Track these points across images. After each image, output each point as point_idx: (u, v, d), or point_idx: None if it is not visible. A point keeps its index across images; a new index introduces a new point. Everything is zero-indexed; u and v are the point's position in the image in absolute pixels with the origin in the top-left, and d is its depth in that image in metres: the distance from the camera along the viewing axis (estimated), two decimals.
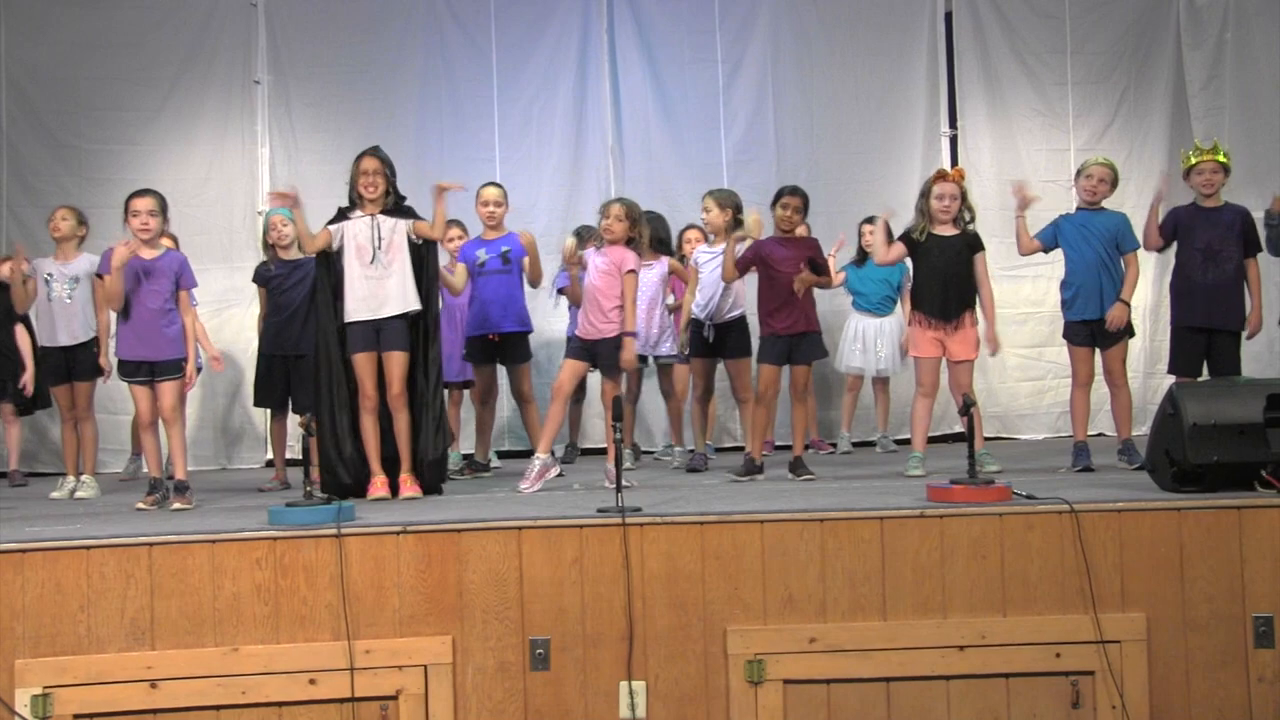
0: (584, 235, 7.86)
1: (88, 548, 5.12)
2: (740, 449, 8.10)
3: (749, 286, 7.46)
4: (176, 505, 6.44)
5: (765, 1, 10.12)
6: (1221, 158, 7.09)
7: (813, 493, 6.22)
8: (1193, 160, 7.15)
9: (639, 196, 9.41)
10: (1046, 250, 7.31)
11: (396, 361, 6.60)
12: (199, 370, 7.15)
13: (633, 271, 6.92)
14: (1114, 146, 9.86)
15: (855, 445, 9.29)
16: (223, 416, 9.73)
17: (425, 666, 5.11)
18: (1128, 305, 7.04)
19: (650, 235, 8.11)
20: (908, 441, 7.49)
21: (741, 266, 7.23)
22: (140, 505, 6.51)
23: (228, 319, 9.56)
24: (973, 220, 7.12)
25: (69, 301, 7.71)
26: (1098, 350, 7.12)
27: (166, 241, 7.19)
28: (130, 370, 6.67)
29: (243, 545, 5.16)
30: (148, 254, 6.65)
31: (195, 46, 9.86)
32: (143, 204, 6.65)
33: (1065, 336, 7.24)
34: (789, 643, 5.13)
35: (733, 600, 5.17)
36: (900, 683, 5.14)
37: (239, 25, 9.90)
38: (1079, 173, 7.34)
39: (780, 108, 10.07)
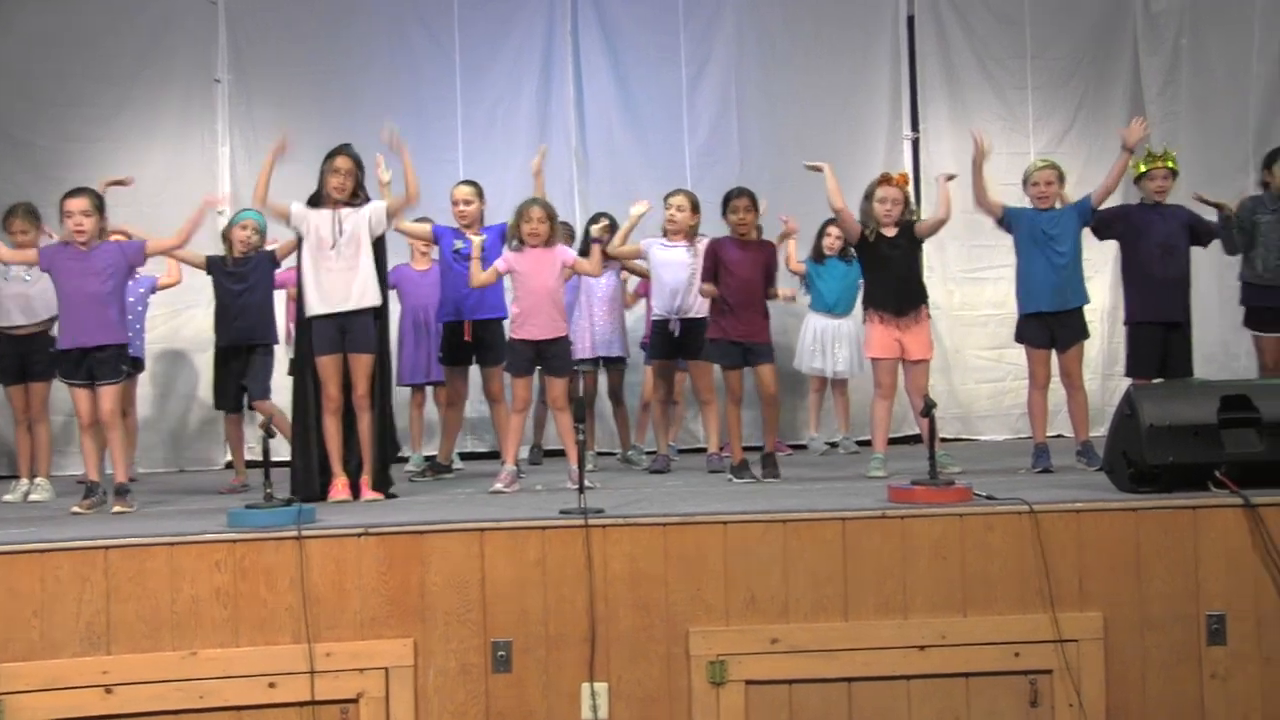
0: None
1: (42, 551, 5.06)
2: (702, 450, 8.12)
3: None
4: (117, 509, 6.39)
5: (730, 4, 10.14)
6: (1171, 164, 7.20)
7: (775, 494, 6.23)
8: (1144, 168, 7.23)
9: (602, 197, 9.49)
10: (999, 221, 7.32)
11: (363, 363, 6.58)
12: (130, 373, 7.09)
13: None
14: (1073, 150, 9.94)
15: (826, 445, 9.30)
16: (179, 417, 9.65)
17: (386, 669, 5.09)
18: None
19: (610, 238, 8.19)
20: (869, 443, 7.52)
21: (710, 274, 7.21)
22: (76, 509, 6.43)
23: (187, 319, 9.49)
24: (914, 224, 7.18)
25: (28, 280, 7.50)
26: (1055, 352, 7.17)
27: (118, 238, 7.13)
28: (69, 371, 6.58)
29: (202, 548, 5.12)
30: (84, 248, 6.57)
31: (155, 44, 9.78)
32: (76, 204, 6.56)
33: (1022, 339, 7.27)
34: (751, 644, 5.14)
35: (695, 601, 5.18)
36: (862, 683, 5.17)
37: (199, 23, 9.82)
38: (1025, 180, 7.36)
39: (744, 109, 10.09)
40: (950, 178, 7.33)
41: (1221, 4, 9.35)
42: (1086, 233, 7.27)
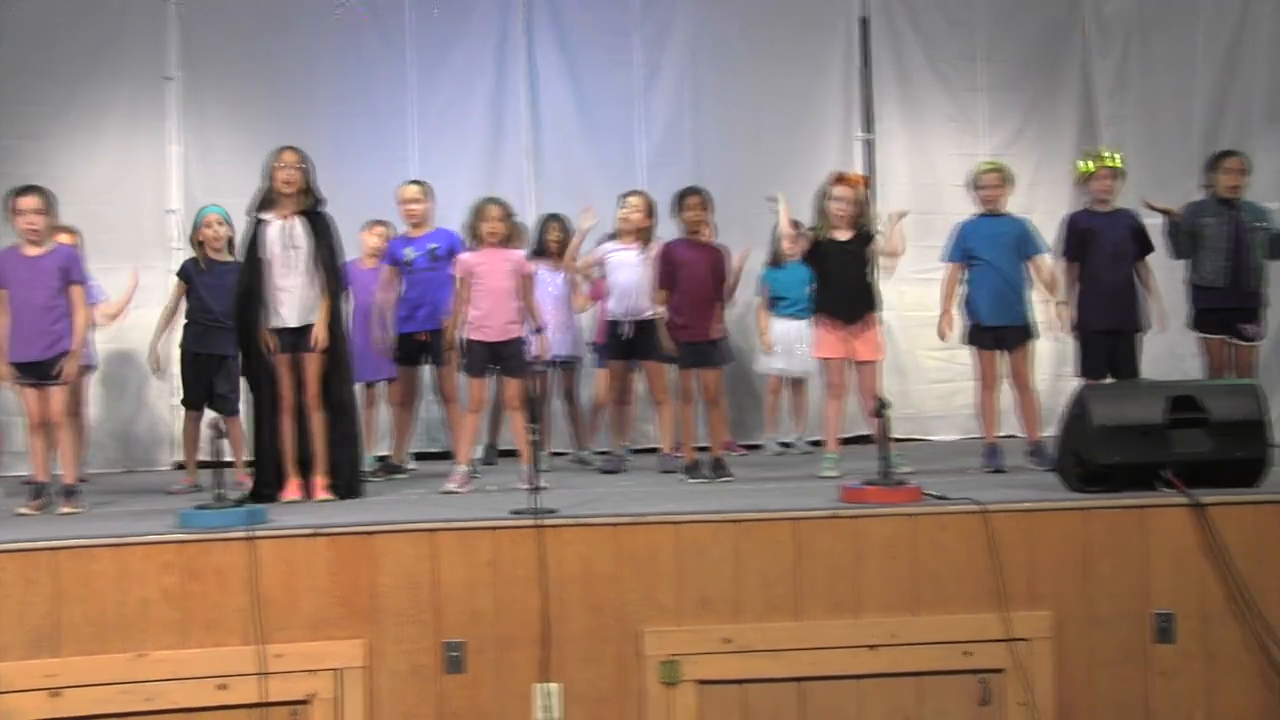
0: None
1: None
2: (655, 450, 8.12)
3: None
4: (65, 510, 6.32)
5: (684, 5, 10.13)
6: (1117, 163, 7.26)
7: (727, 494, 6.25)
8: (1091, 168, 7.28)
9: (555, 199, 9.45)
10: (968, 267, 7.33)
11: (313, 362, 6.54)
12: (92, 368, 7.00)
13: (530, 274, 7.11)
14: (1025, 152, 10.01)
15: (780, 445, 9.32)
16: (129, 418, 9.55)
17: (338, 670, 5.07)
18: (1066, 304, 7.19)
19: (560, 239, 8.19)
20: (821, 443, 7.55)
21: (666, 279, 7.21)
22: (22, 510, 6.35)
23: (136, 319, 9.37)
24: (868, 228, 7.19)
25: None
26: (1003, 353, 7.22)
27: (67, 237, 7.05)
28: (20, 371, 6.51)
29: (151, 549, 5.08)
30: (33, 251, 6.48)
31: (105, 41, 9.66)
32: (28, 203, 6.47)
33: (971, 341, 7.31)
34: (703, 644, 5.16)
35: (648, 601, 5.18)
36: (813, 682, 5.19)
37: (150, 21, 9.69)
38: (971, 183, 7.40)
39: (698, 110, 10.09)
40: (902, 215, 7.25)
41: (1168, 8, 9.46)
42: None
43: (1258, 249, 7.30)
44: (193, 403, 7.77)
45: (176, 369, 7.99)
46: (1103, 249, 7.21)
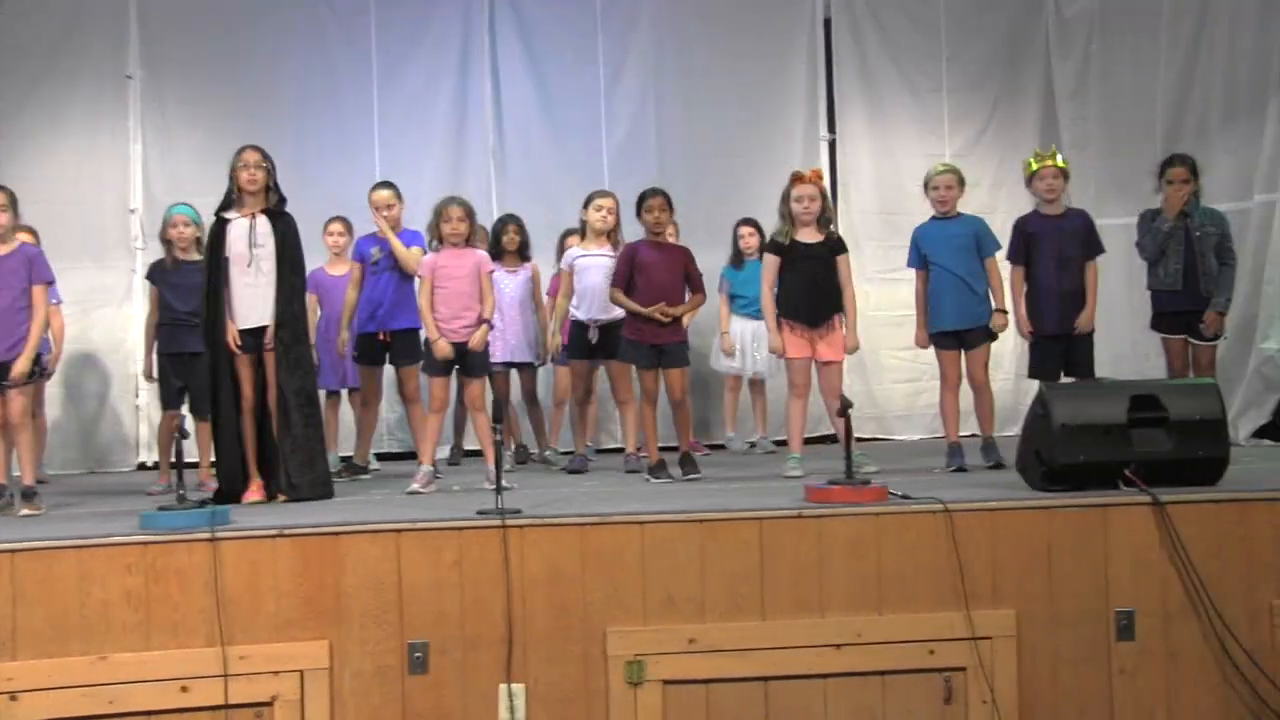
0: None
1: None
2: (619, 450, 8.12)
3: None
4: (25, 512, 6.27)
5: (647, 4, 10.15)
6: (1060, 163, 7.29)
7: (692, 494, 6.25)
8: (1034, 166, 7.30)
9: (519, 199, 9.46)
10: (928, 271, 7.33)
11: (275, 362, 6.50)
12: (42, 373, 6.93)
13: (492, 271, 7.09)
14: (987, 153, 10.09)
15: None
16: (92, 419, 9.48)
17: (301, 672, 5.04)
18: (1005, 313, 7.18)
19: (518, 241, 8.17)
20: (786, 443, 7.56)
21: (623, 279, 7.21)
22: None
23: (97, 319, 9.34)
24: (832, 222, 7.21)
25: None
26: (963, 353, 7.25)
27: (26, 236, 6.99)
28: None
29: (113, 550, 5.03)
30: None
31: (64, 39, 9.59)
32: None
33: (934, 342, 7.34)
34: (668, 643, 5.15)
35: (613, 601, 5.18)
36: (778, 682, 5.19)
37: (111, 18, 9.65)
38: (926, 185, 7.41)
39: (661, 110, 10.10)
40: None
41: (1130, 11, 9.52)
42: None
43: (1209, 253, 7.37)
44: (167, 403, 7.72)
45: (141, 369, 7.95)
46: (1047, 252, 7.18)
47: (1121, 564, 5.29)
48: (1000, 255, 7.28)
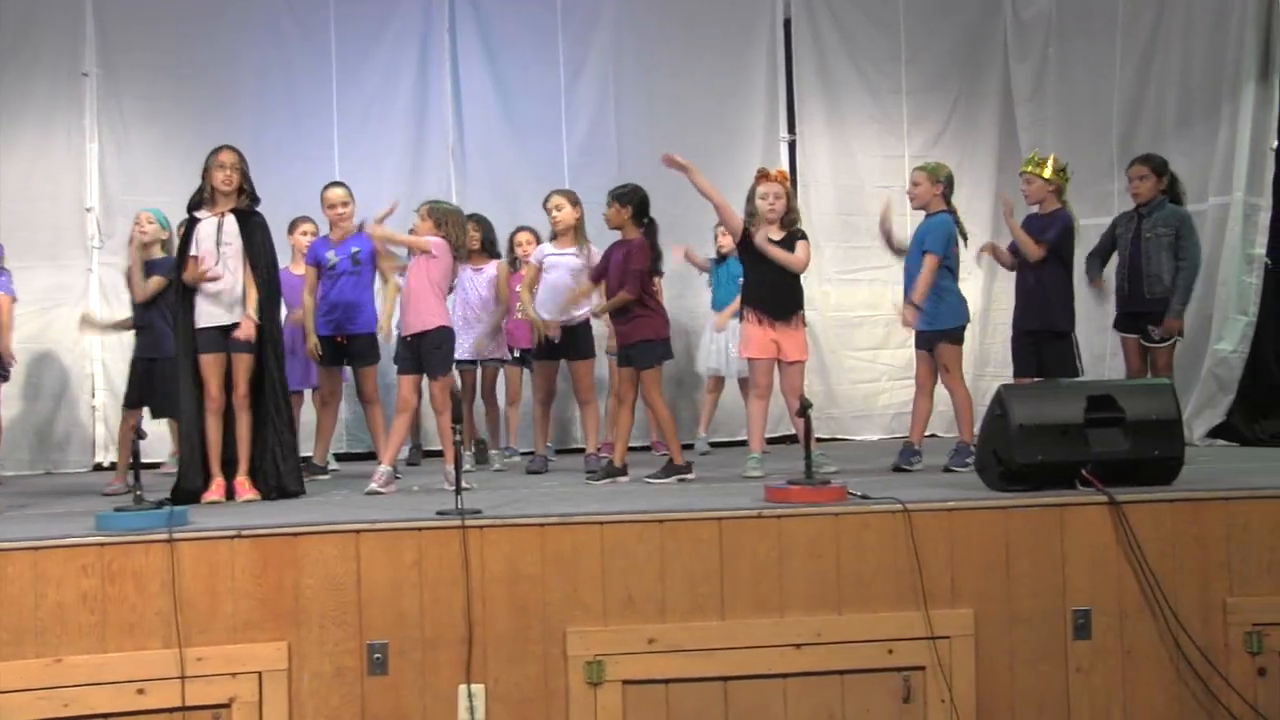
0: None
1: None
2: (580, 450, 8.11)
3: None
4: None
5: (608, 4, 10.15)
6: (1030, 169, 7.39)
7: (652, 494, 6.26)
8: (1021, 170, 7.49)
9: (480, 197, 9.44)
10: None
11: (244, 362, 6.48)
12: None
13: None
14: (946, 154, 10.10)
15: (713, 445, 9.30)
16: (47, 419, 9.39)
17: (260, 673, 5.01)
18: (917, 308, 7.09)
19: (481, 238, 8.15)
20: (745, 443, 7.58)
21: (596, 276, 7.23)
22: None
23: (54, 318, 9.25)
24: (797, 223, 7.22)
25: None
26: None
27: None
28: None
29: (68, 552, 4.98)
30: None
31: (19, 36, 9.48)
32: None
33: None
34: (628, 643, 5.15)
35: (573, 602, 5.18)
36: (738, 681, 5.20)
37: (66, 15, 9.54)
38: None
39: (622, 109, 10.11)
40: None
41: (1086, 13, 9.60)
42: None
43: (1161, 254, 7.42)
44: (131, 401, 7.66)
45: (99, 368, 7.89)
46: (1016, 251, 7.40)
47: (1078, 563, 5.33)
48: (930, 256, 7.12)
